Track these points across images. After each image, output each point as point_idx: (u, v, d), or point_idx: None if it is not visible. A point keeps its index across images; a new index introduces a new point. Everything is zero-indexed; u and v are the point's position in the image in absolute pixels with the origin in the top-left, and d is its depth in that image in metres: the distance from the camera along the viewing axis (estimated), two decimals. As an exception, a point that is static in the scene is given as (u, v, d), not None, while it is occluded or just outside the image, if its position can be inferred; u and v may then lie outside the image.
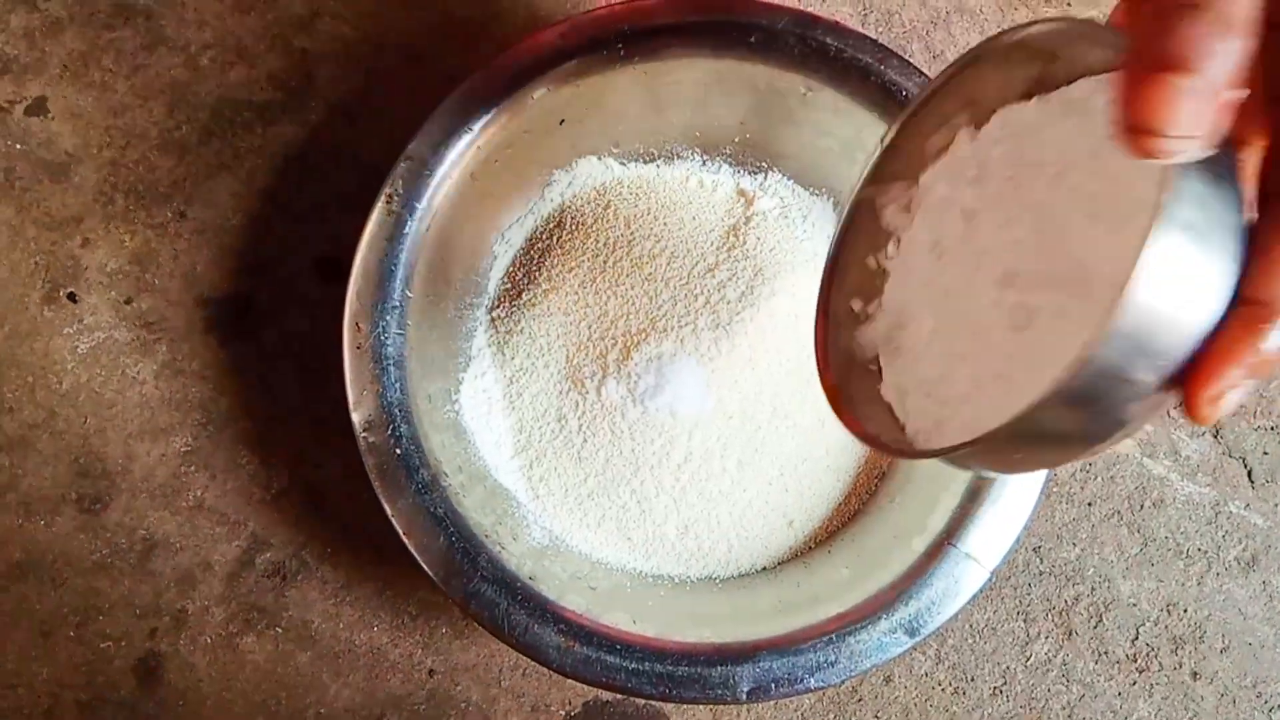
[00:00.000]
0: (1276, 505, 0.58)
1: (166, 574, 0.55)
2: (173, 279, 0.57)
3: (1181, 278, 0.26)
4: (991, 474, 0.42)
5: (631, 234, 0.55)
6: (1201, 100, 0.25)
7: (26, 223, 0.57)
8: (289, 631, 0.55)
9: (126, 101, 0.58)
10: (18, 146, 0.57)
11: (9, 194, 0.57)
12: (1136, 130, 0.25)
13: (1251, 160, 0.29)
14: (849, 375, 0.40)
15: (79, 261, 0.57)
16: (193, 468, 0.55)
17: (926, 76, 0.51)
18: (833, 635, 0.48)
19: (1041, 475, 0.49)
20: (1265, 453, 0.58)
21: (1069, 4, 0.61)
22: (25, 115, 0.58)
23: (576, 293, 0.54)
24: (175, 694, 0.54)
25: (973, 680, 0.56)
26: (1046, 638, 0.57)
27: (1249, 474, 0.58)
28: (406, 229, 0.50)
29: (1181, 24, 0.25)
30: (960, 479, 0.50)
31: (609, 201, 0.56)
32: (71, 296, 0.56)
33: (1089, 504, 0.57)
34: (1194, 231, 0.26)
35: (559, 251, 0.55)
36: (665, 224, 0.55)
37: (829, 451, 0.54)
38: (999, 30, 0.34)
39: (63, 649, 0.54)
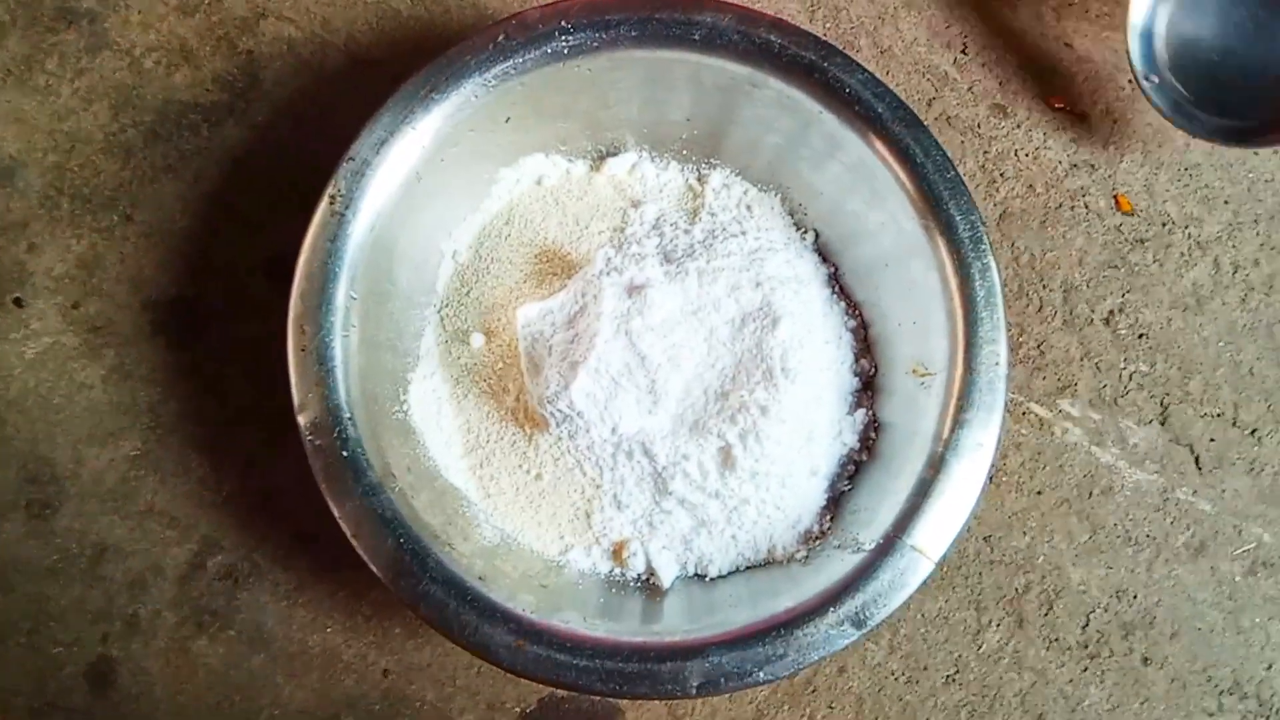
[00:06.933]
0: (1223, 491, 0.58)
1: (117, 579, 0.55)
2: (120, 283, 0.56)
3: None
4: None
5: (580, 231, 0.55)
6: None
7: (-29, 228, 0.56)
8: (242, 634, 0.55)
9: (71, 105, 0.57)
10: (-39, 151, 0.57)
11: (-48, 199, 0.56)
12: None
13: None
14: None
15: (25, 266, 0.56)
16: (142, 472, 0.55)
17: (870, 73, 0.51)
18: (780, 629, 0.48)
19: (986, 468, 0.50)
20: (1212, 440, 0.59)
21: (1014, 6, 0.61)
22: (-32, 120, 0.57)
23: (525, 290, 0.54)
24: (128, 699, 0.54)
25: (925, 669, 0.57)
26: (998, 626, 0.57)
27: (1196, 461, 0.59)
28: (350, 229, 0.50)
29: None
30: (909, 476, 0.50)
31: (557, 199, 0.56)
32: (18, 302, 0.56)
33: (1038, 493, 0.58)
34: None
35: (507, 249, 0.55)
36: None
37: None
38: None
39: (13, 656, 0.54)
